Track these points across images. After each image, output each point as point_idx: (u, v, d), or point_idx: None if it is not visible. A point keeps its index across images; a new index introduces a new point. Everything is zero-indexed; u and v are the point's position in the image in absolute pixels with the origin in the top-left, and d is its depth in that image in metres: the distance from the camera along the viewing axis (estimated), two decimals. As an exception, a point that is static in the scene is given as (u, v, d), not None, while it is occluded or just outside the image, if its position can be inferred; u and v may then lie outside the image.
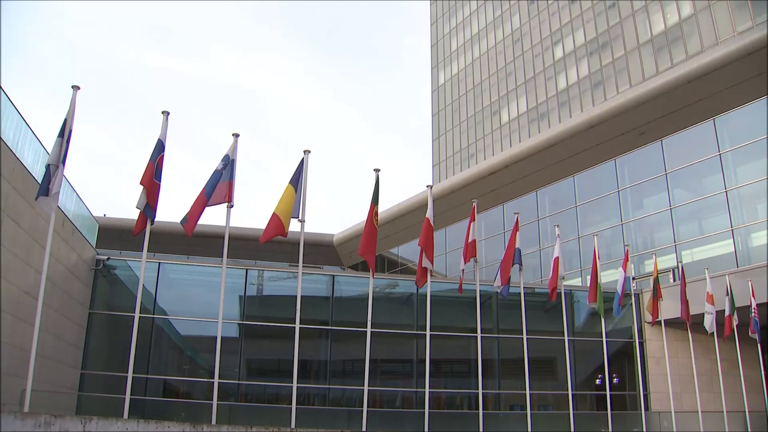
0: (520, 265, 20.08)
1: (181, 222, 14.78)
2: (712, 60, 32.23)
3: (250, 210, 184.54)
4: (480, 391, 19.42)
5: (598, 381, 27.46)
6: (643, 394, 27.16)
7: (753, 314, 23.87)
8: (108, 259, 23.00)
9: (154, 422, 13.07)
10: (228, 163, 15.55)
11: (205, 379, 23.44)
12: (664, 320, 24.13)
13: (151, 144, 15.03)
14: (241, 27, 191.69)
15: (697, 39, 48.05)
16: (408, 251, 53.06)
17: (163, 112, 15.21)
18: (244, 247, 49.79)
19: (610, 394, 22.37)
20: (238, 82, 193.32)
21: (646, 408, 26.65)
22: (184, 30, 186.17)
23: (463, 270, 18.86)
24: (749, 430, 23.70)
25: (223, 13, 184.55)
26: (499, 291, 19.71)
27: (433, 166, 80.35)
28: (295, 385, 15.48)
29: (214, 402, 14.70)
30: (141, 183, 14.35)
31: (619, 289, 23.11)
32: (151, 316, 23.05)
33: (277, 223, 15.40)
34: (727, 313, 23.85)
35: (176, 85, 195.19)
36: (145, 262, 15.81)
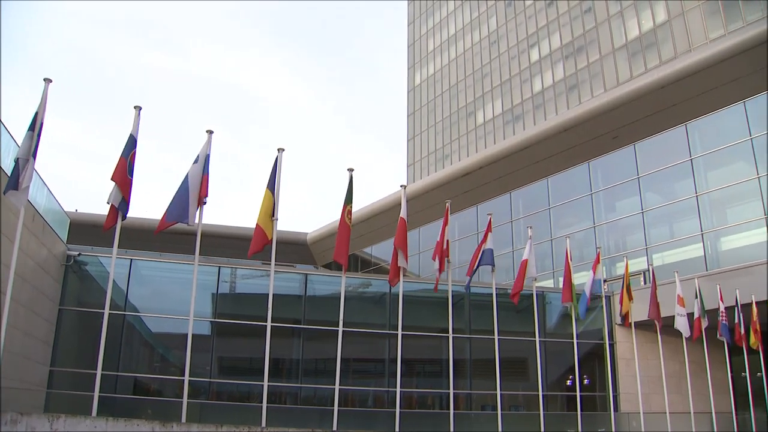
0: (493, 266, 20.11)
1: (176, 221, 14.65)
2: (685, 66, 32.62)
3: (227, 207, 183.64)
4: (451, 391, 19.47)
5: (568, 382, 27.67)
6: (613, 395, 27.43)
7: (721, 317, 24.20)
8: (79, 254, 22.72)
9: (123, 420, 12.92)
10: (203, 159, 15.45)
11: (176, 377, 23.26)
12: (635, 322, 24.37)
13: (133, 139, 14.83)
14: (221, 24, 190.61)
15: (671, 45, 48.70)
16: (381, 251, 53.06)
17: (135, 107, 15.03)
18: (218, 244, 49.54)
19: (581, 395, 22.54)
20: (217, 78, 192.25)
21: (616, 409, 26.92)
22: (165, 25, 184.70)
23: (439, 270, 18.81)
24: (716, 430, 24.02)
25: (204, 10, 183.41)
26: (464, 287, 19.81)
27: (407, 166, 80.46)
28: (266, 383, 15.40)
29: (184, 400, 14.57)
30: (112, 179, 14.17)
31: (587, 291, 23.24)
32: (123, 312, 22.83)
33: (260, 234, 15.38)
34: (696, 315, 24.15)
35: (157, 80, 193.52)
36: (117, 258, 15.64)
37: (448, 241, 18.66)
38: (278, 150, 16.45)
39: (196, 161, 15.40)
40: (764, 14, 42.21)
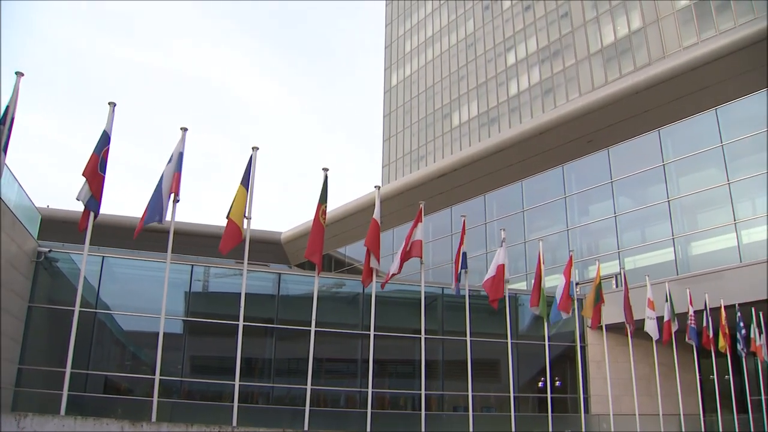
0: (466, 268, 20.16)
1: (151, 220, 14.56)
2: (659, 72, 32.97)
3: (200, 205, 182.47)
4: (423, 392, 19.51)
5: (540, 383, 27.85)
6: (584, 397, 27.65)
7: (690, 321, 24.51)
8: (50, 251, 22.40)
9: (93, 419, 12.82)
10: (177, 157, 15.35)
11: (147, 376, 23.05)
12: (606, 325, 24.59)
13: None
14: (197, 21, 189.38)
15: (645, 51, 49.26)
16: (355, 251, 53.04)
17: (109, 104, 14.91)
18: (192, 242, 49.16)
19: (552, 397, 22.70)
20: (193, 75, 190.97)
21: (586, 411, 27.13)
22: (141, 20, 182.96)
23: (398, 270, 18.59)
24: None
25: (180, 7, 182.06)
26: (453, 292, 19.83)
27: (383, 167, 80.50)
28: (237, 383, 15.35)
29: (155, 399, 14.48)
30: (84, 175, 14.03)
31: (558, 295, 23.29)
32: (93, 310, 22.55)
33: (234, 230, 15.25)
34: (666, 318, 24.43)
35: (132, 75, 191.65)
36: (89, 255, 15.49)
37: (420, 241, 18.61)
38: (253, 148, 16.40)
39: (170, 161, 15.32)
40: (736, 24, 42.86)
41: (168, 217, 15.29)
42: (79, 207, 14.36)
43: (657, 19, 49.07)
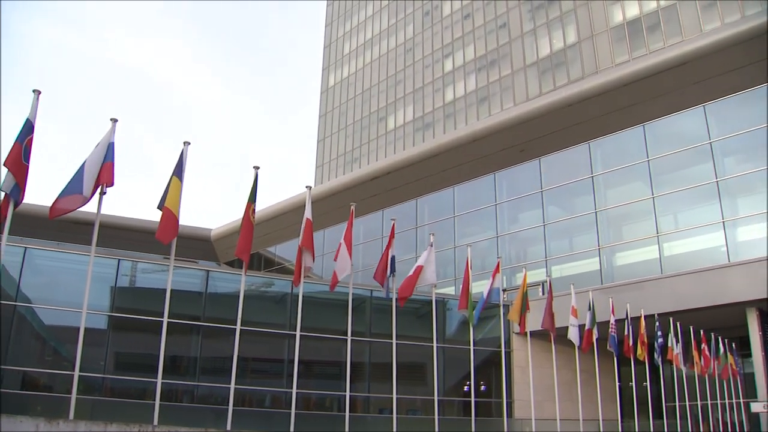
0: (393, 272, 20.11)
1: (68, 206, 13.96)
2: (591, 87, 33.78)
3: (129, 198, 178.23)
4: (347, 394, 19.39)
5: (465, 388, 28.11)
6: (507, 402, 28.00)
7: (611, 330, 25.09)
8: (-32, 242, 21.48)
9: (5, 416, 12.27)
10: (106, 146, 14.85)
11: (68, 372, 22.29)
12: (530, 331, 24.95)
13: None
14: (132, 9, 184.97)
15: (579, 66, 50.46)
16: (285, 250, 52.61)
17: (34, 91, 14.36)
18: (119, 236, 47.96)
19: (476, 401, 22.92)
20: (124, 64, 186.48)
21: (509, 415, 27.49)
22: (71, 5, 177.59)
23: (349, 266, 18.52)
24: (602, 437, 24.91)
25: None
26: (384, 294, 19.73)
27: (316, 167, 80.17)
28: (159, 380, 14.95)
29: (73, 395, 13.97)
30: (5, 164, 13.45)
31: (484, 296, 23.49)
32: (13, 303, 21.70)
33: (172, 219, 14.79)
34: (587, 327, 24.93)
35: (60, 61, 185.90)
36: (10, 246, 14.88)
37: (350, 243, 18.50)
38: (184, 143, 16.01)
39: (96, 147, 14.80)
40: (665, 44, 44.31)
41: (94, 209, 14.79)
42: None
43: (592, 35, 50.38)
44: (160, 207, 14.87)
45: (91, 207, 14.84)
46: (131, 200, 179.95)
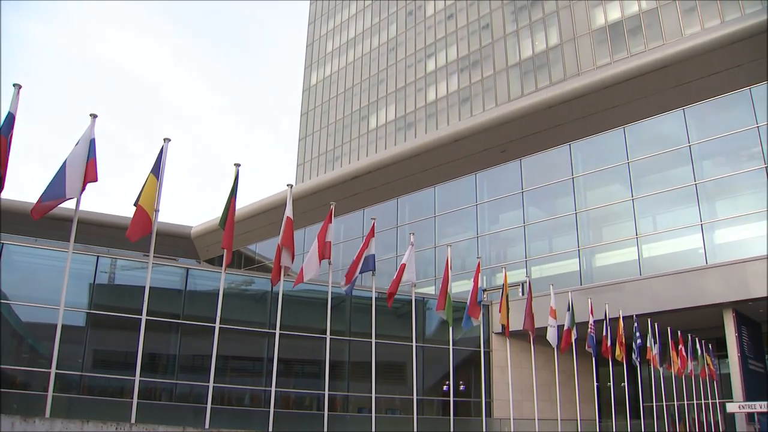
0: (373, 270, 20.04)
1: (51, 201, 13.77)
2: (572, 89, 33.94)
3: (107, 195, 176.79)
4: (326, 393, 19.33)
5: (445, 387, 28.15)
6: (486, 401, 28.07)
7: (590, 330, 25.22)
8: (-56, 237, 21.20)
9: (-21, 413, 12.10)
10: (86, 142, 14.68)
11: (44, 369, 22.02)
12: (510, 332, 25.04)
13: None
14: (114, 7, 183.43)
15: (561, 67, 50.69)
16: (265, 248, 52.40)
17: (14, 86, 14.17)
18: (98, 233, 47.55)
19: (455, 401, 22.95)
20: (105, 60, 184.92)
21: (489, 414, 27.56)
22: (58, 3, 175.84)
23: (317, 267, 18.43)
24: (580, 436, 25.06)
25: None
26: (344, 290, 19.59)
27: (297, 166, 79.91)
28: (137, 378, 14.82)
29: (50, 393, 13.80)
30: (-7, 160, 13.26)
31: (468, 301, 23.50)
32: (-11, 299, 21.44)
33: (144, 217, 14.61)
34: (566, 327, 25.04)
35: (39, 55, 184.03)
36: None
37: (330, 243, 18.43)
38: (164, 140, 15.86)
39: (77, 145, 14.63)
40: (646, 47, 44.63)
41: (73, 206, 14.62)
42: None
43: (574, 37, 50.63)
44: (136, 204, 14.74)
45: (69, 203, 14.68)
46: (111, 197, 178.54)
